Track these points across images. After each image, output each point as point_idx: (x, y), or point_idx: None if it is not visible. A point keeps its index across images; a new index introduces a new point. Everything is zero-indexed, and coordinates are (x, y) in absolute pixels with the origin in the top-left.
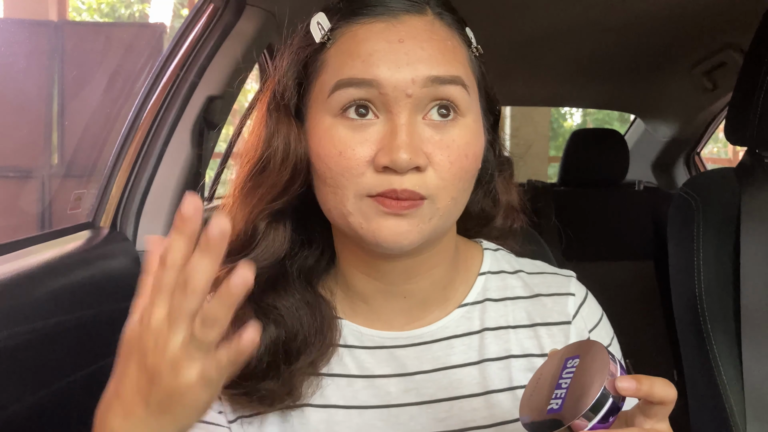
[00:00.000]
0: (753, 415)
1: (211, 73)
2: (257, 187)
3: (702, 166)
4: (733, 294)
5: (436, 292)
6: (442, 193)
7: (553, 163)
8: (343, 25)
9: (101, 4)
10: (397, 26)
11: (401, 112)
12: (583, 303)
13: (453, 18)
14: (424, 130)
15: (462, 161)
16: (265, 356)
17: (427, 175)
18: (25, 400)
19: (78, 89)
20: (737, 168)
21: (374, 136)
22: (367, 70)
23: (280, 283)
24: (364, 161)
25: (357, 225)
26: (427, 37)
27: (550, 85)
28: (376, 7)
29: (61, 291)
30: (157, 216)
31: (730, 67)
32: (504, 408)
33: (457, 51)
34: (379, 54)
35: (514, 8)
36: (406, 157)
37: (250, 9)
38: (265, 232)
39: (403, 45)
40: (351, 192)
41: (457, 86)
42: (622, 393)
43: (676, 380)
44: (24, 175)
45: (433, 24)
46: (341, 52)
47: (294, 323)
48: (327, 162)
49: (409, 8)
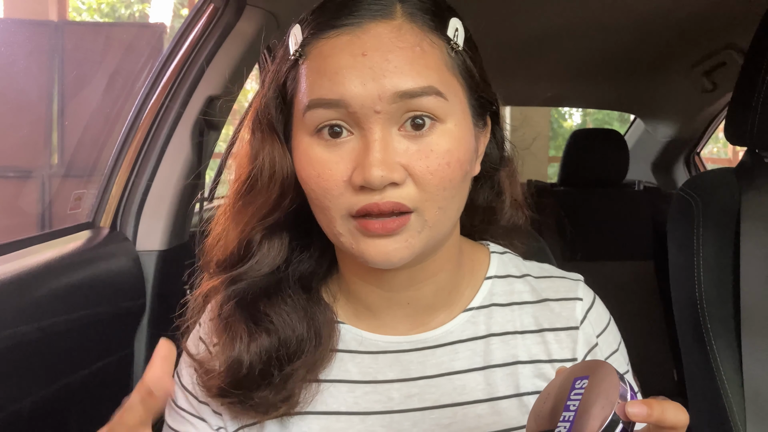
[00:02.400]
0: (753, 415)
1: (210, 73)
2: (248, 205)
3: (702, 166)
4: (733, 294)
5: (441, 297)
6: (427, 204)
7: (553, 163)
8: (312, 41)
9: (101, 4)
10: (361, 37)
11: (373, 128)
12: (591, 308)
13: (425, 18)
14: (400, 142)
15: (444, 170)
16: (257, 364)
17: (406, 188)
18: (26, 400)
19: (78, 89)
20: (737, 168)
21: (350, 154)
22: (334, 90)
23: (275, 291)
24: (341, 181)
25: (348, 244)
26: (392, 47)
27: (550, 85)
28: (341, 18)
29: (61, 291)
30: (157, 216)
31: (730, 67)
32: (510, 415)
33: (428, 56)
34: (344, 71)
35: (515, 8)
36: (379, 174)
37: (250, 9)
38: (260, 245)
39: (367, 58)
40: (336, 213)
41: (430, 96)
42: (632, 419)
43: (676, 380)
44: (24, 175)
45: (401, 29)
46: (311, 69)
47: (286, 331)
48: (309, 183)
49: (375, 15)
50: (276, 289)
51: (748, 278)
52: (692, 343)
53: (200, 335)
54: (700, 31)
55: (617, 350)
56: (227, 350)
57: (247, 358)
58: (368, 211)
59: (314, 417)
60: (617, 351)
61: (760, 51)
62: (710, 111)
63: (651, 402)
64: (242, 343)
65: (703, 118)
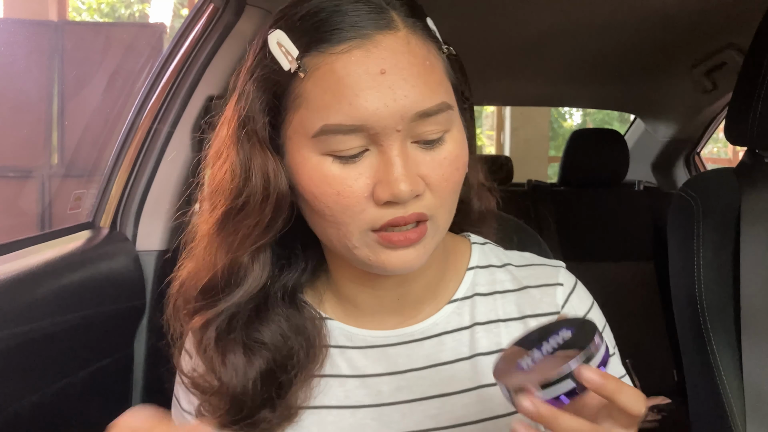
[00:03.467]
0: (753, 416)
1: (211, 73)
2: (237, 226)
3: (702, 166)
4: (733, 294)
5: (428, 291)
6: (441, 210)
7: (553, 163)
8: (315, 54)
9: (101, 4)
10: (373, 51)
11: (393, 144)
12: (572, 292)
13: (423, 26)
14: (416, 153)
15: (454, 175)
16: (257, 390)
17: (426, 198)
18: (25, 400)
19: (78, 89)
20: (737, 168)
21: (368, 169)
22: (354, 115)
23: (264, 310)
24: (363, 197)
25: (364, 257)
26: (407, 63)
27: (550, 85)
28: (344, 29)
29: (61, 291)
30: (157, 216)
31: (730, 67)
32: (497, 402)
33: (435, 69)
34: (364, 93)
35: (514, 8)
36: (407, 188)
37: (250, 9)
38: (248, 268)
39: (386, 78)
40: (354, 228)
41: (444, 112)
42: (583, 382)
43: (676, 380)
44: (24, 175)
45: (409, 42)
46: (321, 88)
47: (280, 350)
48: (324, 201)
49: (378, 24)
50: (264, 309)
51: (748, 278)
52: (692, 343)
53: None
54: (700, 31)
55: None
56: (227, 381)
57: (249, 386)
58: (395, 223)
59: (306, 412)
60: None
61: (760, 51)
62: (710, 111)
63: (609, 377)
64: (240, 372)
65: (703, 118)
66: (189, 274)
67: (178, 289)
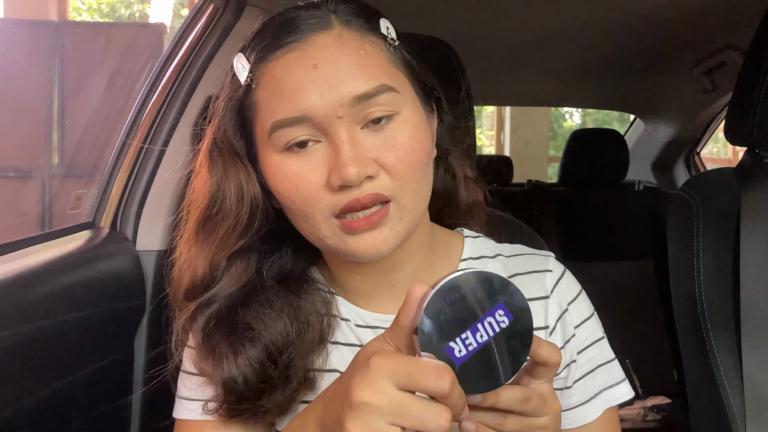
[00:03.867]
0: (753, 416)
1: (210, 73)
2: (212, 231)
3: (702, 166)
4: (733, 294)
5: (420, 278)
6: (403, 191)
7: (553, 163)
8: (262, 65)
9: (101, 4)
10: (307, 51)
11: (338, 131)
12: (560, 278)
13: (361, 22)
14: (366, 138)
15: (410, 156)
16: (251, 375)
17: (381, 179)
18: (25, 400)
19: (78, 89)
20: (737, 168)
21: (321, 159)
22: (295, 107)
23: (249, 298)
24: (319, 186)
25: (335, 246)
26: (339, 54)
27: (550, 85)
28: (283, 36)
29: (61, 291)
30: (157, 216)
31: (730, 67)
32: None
33: (372, 57)
34: (301, 87)
35: (515, 9)
36: (355, 171)
37: (250, 9)
38: (227, 267)
39: (319, 70)
40: (319, 217)
41: (384, 93)
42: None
43: (676, 380)
44: (24, 175)
45: (341, 37)
46: (268, 92)
47: (270, 332)
48: (288, 196)
49: (315, 27)
50: (250, 296)
51: (748, 278)
52: (692, 343)
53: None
54: (700, 31)
55: (589, 318)
56: (217, 373)
57: (237, 372)
58: (351, 207)
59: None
60: (589, 319)
61: (760, 51)
62: (710, 111)
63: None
64: (228, 361)
65: (703, 118)
66: (176, 278)
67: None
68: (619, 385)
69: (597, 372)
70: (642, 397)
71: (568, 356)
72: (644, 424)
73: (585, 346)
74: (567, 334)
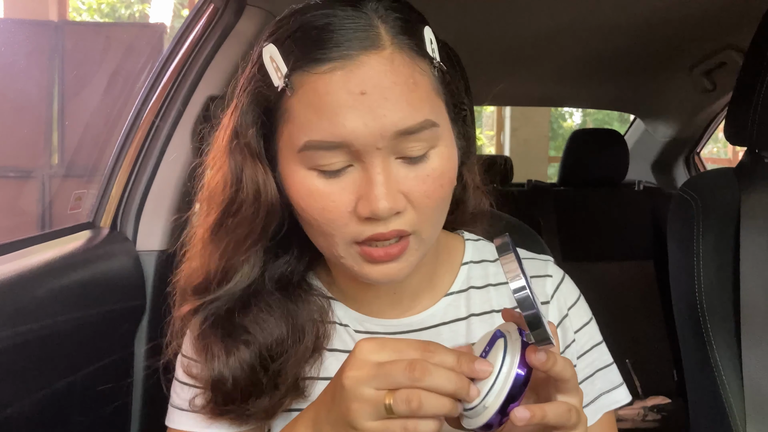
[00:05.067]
0: (753, 415)
1: (211, 73)
2: (231, 231)
3: (702, 166)
4: (733, 294)
5: (423, 284)
6: (424, 225)
7: (553, 163)
8: (301, 74)
9: (101, 4)
10: (355, 72)
11: (374, 161)
12: (560, 284)
13: (412, 44)
14: (399, 169)
15: (438, 191)
16: (240, 377)
17: (407, 215)
18: (25, 400)
19: (78, 89)
20: (737, 168)
21: (351, 184)
22: (334, 132)
23: (250, 300)
24: (346, 212)
25: (349, 267)
26: (389, 83)
27: (550, 85)
28: (329, 49)
29: (61, 291)
30: (157, 216)
31: (730, 67)
32: None
33: (420, 87)
34: (343, 111)
35: (515, 8)
36: (386, 206)
37: (250, 9)
38: (237, 268)
39: (367, 98)
40: (339, 239)
41: (426, 129)
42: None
43: (676, 380)
44: (24, 175)
45: (393, 61)
46: (305, 105)
47: (265, 337)
48: (311, 213)
49: (365, 44)
50: (251, 299)
51: (748, 278)
52: (692, 343)
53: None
54: (700, 31)
55: (588, 323)
56: (208, 369)
57: (228, 372)
58: (375, 239)
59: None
60: (588, 324)
61: (760, 51)
62: (710, 111)
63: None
64: (220, 361)
65: (703, 118)
66: (185, 274)
67: (177, 288)
68: (617, 390)
69: (596, 376)
70: (642, 397)
71: None
72: (644, 424)
73: (584, 351)
74: (567, 339)
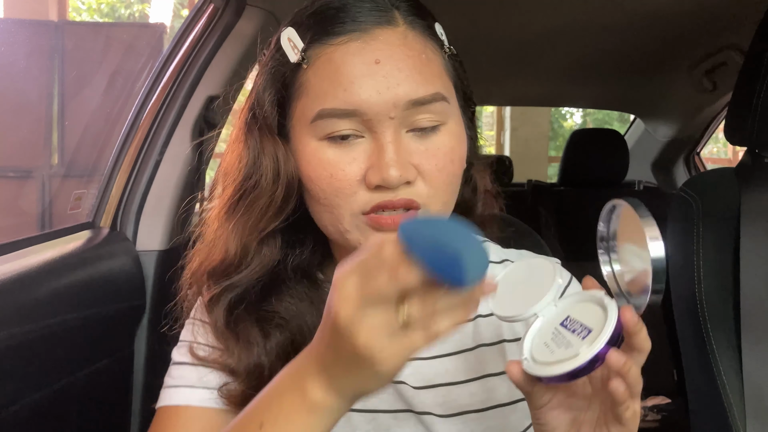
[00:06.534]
0: (753, 415)
1: (210, 73)
2: (248, 209)
3: (702, 166)
4: (733, 294)
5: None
6: (434, 200)
7: (553, 163)
8: (317, 46)
9: (101, 4)
10: (371, 44)
11: (386, 131)
12: (568, 285)
13: (424, 24)
14: (410, 142)
15: (449, 167)
16: (277, 364)
17: (417, 186)
18: (25, 400)
19: (78, 89)
20: (737, 168)
21: (362, 154)
22: (349, 100)
23: (276, 286)
24: (355, 180)
25: (355, 241)
26: (402, 55)
27: (550, 85)
28: (346, 23)
29: (61, 291)
30: (157, 216)
31: (730, 67)
32: (501, 391)
33: (432, 63)
34: (358, 80)
35: (514, 8)
36: (397, 174)
37: (250, 9)
38: (256, 251)
39: (381, 67)
40: (346, 211)
41: (437, 102)
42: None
43: (676, 380)
44: (24, 175)
45: (406, 37)
46: (320, 77)
47: (298, 321)
48: (319, 184)
49: (380, 21)
50: (277, 284)
51: (748, 278)
52: (692, 343)
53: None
54: (700, 31)
55: None
56: (245, 357)
57: (266, 360)
58: (383, 206)
59: None
60: None
61: (760, 51)
62: (710, 111)
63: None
64: (259, 347)
65: (703, 118)
66: (201, 257)
67: (191, 275)
68: None
69: None
70: (642, 397)
71: None
72: (644, 424)
73: None
74: None
